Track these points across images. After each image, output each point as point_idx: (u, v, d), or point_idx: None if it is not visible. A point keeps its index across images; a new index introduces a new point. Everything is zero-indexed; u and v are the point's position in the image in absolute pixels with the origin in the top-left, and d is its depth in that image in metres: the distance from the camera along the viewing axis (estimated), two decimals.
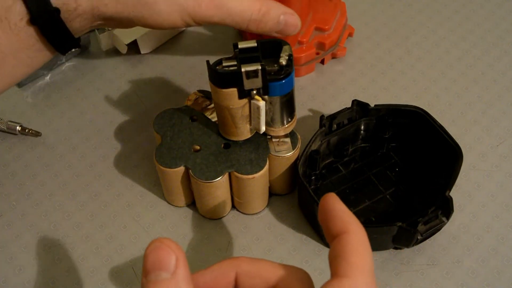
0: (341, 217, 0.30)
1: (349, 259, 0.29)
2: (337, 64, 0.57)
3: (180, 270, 0.28)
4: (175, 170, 0.43)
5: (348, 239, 0.29)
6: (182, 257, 0.28)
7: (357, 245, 0.29)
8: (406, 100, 0.53)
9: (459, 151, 0.44)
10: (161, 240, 0.28)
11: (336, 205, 0.31)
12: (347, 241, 0.29)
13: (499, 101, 0.54)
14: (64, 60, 0.56)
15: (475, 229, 0.46)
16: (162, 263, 0.28)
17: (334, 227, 0.30)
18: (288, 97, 0.41)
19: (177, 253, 0.28)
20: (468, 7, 0.61)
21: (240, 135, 0.43)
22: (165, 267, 0.27)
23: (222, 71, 0.38)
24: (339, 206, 0.31)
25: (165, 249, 0.28)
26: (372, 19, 0.60)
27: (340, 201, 0.31)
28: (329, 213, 0.31)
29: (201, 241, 0.46)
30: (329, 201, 0.31)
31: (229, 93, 0.39)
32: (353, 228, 0.30)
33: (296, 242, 0.45)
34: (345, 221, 0.30)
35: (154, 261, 0.28)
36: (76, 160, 0.50)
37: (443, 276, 0.43)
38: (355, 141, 0.49)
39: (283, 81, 0.39)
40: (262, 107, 0.40)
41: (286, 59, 0.39)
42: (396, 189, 0.47)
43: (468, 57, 0.57)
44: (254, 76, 0.38)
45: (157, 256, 0.28)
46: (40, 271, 0.44)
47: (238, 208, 0.47)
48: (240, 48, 0.39)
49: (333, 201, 0.31)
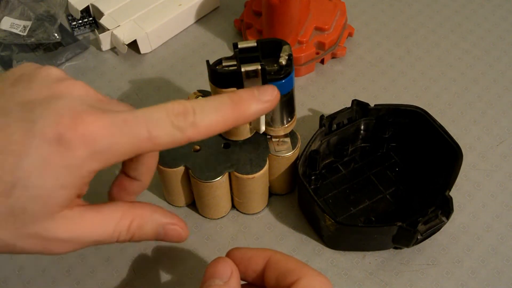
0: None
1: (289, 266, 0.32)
2: (337, 64, 0.57)
3: (233, 281, 0.32)
4: (175, 170, 0.43)
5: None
6: (236, 272, 0.32)
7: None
8: (406, 100, 0.53)
9: (459, 151, 0.44)
10: (221, 257, 0.33)
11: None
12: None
13: (499, 101, 0.54)
14: (64, 60, 0.56)
15: (475, 229, 0.46)
16: (218, 272, 0.32)
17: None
18: (288, 97, 0.41)
19: (233, 268, 0.32)
20: (468, 7, 0.61)
21: (240, 135, 0.43)
22: (220, 276, 0.32)
23: (222, 71, 0.38)
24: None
25: (222, 263, 0.32)
26: (372, 19, 0.60)
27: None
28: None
29: (201, 241, 0.46)
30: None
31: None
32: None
33: (296, 242, 0.45)
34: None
35: (213, 271, 0.32)
36: None
37: (443, 276, 0.43)
38: (355, 141, 0.49)
39: (283, 81, 0.39)
40: None
41: (286, 59, 0.39)
42: (396, 189, 0.47)
43: (468, 57, 0.57)
44: (254, 76, 0.38)
45: (215, 267, 0.32)
46: (40, 271, 0.44)
47: (238, 208, 0.47)
48: (240, 48, 0.39)
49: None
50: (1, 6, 0.57)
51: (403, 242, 0.42)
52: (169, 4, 0.58)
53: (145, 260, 0.45)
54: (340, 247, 0.44)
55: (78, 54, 0.57)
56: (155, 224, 0.34)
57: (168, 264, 0.44)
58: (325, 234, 0.44)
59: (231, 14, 0.61)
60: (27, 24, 0.56)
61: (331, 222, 0.41)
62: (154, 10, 0.57)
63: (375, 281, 0.43)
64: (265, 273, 0.33)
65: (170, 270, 0.44)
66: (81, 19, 0.59)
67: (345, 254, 0.44)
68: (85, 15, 0.59)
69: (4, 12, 0.56)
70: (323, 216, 0.41)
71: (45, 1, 0.57)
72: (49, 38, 0.55)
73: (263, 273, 0.33)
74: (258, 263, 0.33)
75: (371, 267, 0.44)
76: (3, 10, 0.57)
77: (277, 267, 0.32)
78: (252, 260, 0.33)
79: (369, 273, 0.43)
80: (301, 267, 0.32)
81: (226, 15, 0.61)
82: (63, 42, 0.57)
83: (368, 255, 0.44)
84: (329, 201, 0.46)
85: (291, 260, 0.33)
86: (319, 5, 0.55)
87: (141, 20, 0.57)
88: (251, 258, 0.33)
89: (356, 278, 0.43)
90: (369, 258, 0.44)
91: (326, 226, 0.42)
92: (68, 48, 0.56)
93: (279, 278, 0.32)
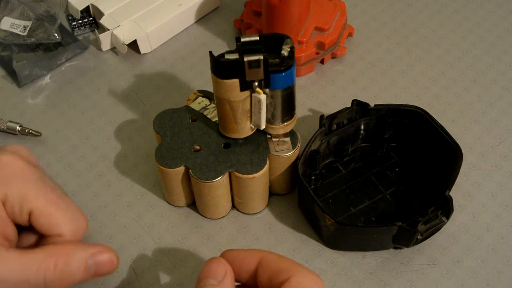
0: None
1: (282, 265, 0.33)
2: (337, 63, 0.57)
3: (227, 280, 0.32)
4: (175, 170, 0.43)
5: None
6: (230, 272, 0.33)
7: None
8: (406, 100, 0.53)
9: (459, 151, 0.44)
10: (215, 257, 0.34)
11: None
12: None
13: (499, 101, 0.53)
14: (64, 60, 0.56)
15: (475, 229, 0.46)
16: (212, 272, 0.32)
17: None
18: (289, 92, 0.40)
19: (227, 268, 0.33)
20: (468, 7, 0.61)
21: (241, 132, 0.43)
22: (215, 275, 0.32)
23: (224, 60, 0.38)
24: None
25: (216, 263, 0.33)
26: (372, 19, 0.60)
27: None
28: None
29: (201, 241, 0.46)
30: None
31: (231, 84, 0.39)
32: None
33: (296, 242, 0.45)
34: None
35: (207, 271, 0.33)
36: (76, 160, 0.50)
37: (443, 275, 0.43)
38: (355, 141, 0.49)
39: (284, 73, 0.39)
40: (263, 101, 0.40)
41: (288, 51, 0.39)
42: (396, 189, 0.47)
43: (468, 57, 0.57)
44: (256, 66, 0.38)
45: (209, 267, 0.33)
46: None
47: (238, 208, 0.47)
48: (242, 42, 0.39)
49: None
50: (1, 6, 0.57)
51: (403, 242, 0.42)
52: (169, 4, 0.58)
53: (145, 260, 0.45)
54: (340, 247, 0.45)
55: (78, 54, 0.57)
56: (81, 257, 0.33)
57: (168, 264, 0.44)
58: (325, 234, 0.44)
59: (231, 14, 0.61)
60: (27, 24, 0.56)
61: (331, 222, 0.41)
62: (154, 10, 0.57)
63: (375, 281, 0.43)
64: (258, 272, 0.33)
65: (170, 270, 0.44)
66: (81, 19, 0.59)
67: (345, 254, 0.44)
68: (85, 15, 0.59)
69: (4, 12, 0.56)
70: (323, 216, 0.41)
71: (45, 1, 0.57)
72: (49, 38, 0.55)
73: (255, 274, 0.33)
74: (251, 264, 0.33)
75: (371, 267, 0.44)
76: (3, 10, 0.56)
77: (269, 266, 0.33)
78: (245, 261, 0.34)
79: (369, 273, 0.43)
80: (293, 266, 0.32)
81: (226, 15, 0.61)
82: (63, 42, 0.57)
83: (368, 255, 0.44)
84: (329, 201, 0.46)
85: (283, 260, 0.33)
86: (319, 5, 0.55)
87: (141, 20, 0.57)
88: (244, 259, 0.34)
89: (356, 278, 0.43)
90: (369, 258, 0.44)
91: (326, 226, 0.42)
92: (68, 48, 0.56)
93: (271, 277, 0.32)
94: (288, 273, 0.32)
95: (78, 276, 0.32)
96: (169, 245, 0.45)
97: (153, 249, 0.45)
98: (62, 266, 0.32)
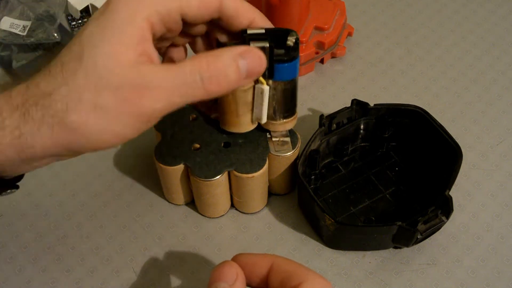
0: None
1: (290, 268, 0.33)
2: (337, 63, 0.57)
3: (238, 284, 0.32)
4: (174, 168, 0.43)
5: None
6: (241, 276, 0.33)
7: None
8: (406, 99, 0.53)
9: (459, 150, 0.44)
10: (226, 261, 0.33)
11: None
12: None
13: (499, 101, 0.53)
14: None
15: (475, 229, 0.45)
16: (224, 275, 0.32)
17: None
18: (292, 85, 0.40)
19: (238, 271, 0.33)
20: (468, 7, 0.61)
21: (242, 126, 0.42)
22: (226, 279, 0.32)
23: (229, 43, 0.38)
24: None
25: (228, 266, 0.33)
26: (372, 19, 0.60)
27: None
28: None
29: (200, 241, 0.46)
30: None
31: None
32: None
33: (296, 242, 0.45)
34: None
35: (218, 274, 0.32)
36: (76, 160, 0.50)
37: (443, 275, 0.43)
38: (355, 140, 0.49)
39: (288, 63, 0.39)
40: (266, 92, 0.40)
41: (293, 41, 0.39)
42: (396, 189, 0.47)
43: (468, 57, 0.57)
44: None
45: (221, 271, 0.33)
46: (40, 271, 0.44)
47: (237, 207, 0.47)
48: (248, 33, 0.39)
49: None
50: (1, 6, 0.57)
51: (403, 241, 0.42)
52: None
53: (145, 260, 0.45)
54: (340, 246, 0.44)
55: None
56: (230, 54, 0.34)
57: (168, 264, 0.44)
58: (325, 234, 0.44)
59: None
60: (27, 24, 0.56)
61: (331, 221, 0.41)
62: None
63: (375, 281, 0.43)
64: (269, 277, 0.33)
65: (170, 270, 0.44)
66: (80, 19, 0.59)
67: (345, 253, 0.44)
68: (85, 15, 0.59)
69: (4, 12, 0.56)
70: (323, 216, 0.41)
71: (45, 1, 0.57)
72: (48, 38, 0.55)
73: (267, 278, 0.33)
74: (262, 268, 0.33)
75: (371, 266, 0.44)
76: (3, 10, 0.56)
77: (280, 271, 0.33)
78: (257, 265, 0.34)
79: (369, 273, 0.43)
80: (303, 271, 0.32)
81: None
82: (63, 42, 0.57)
83: (368, 254, 0.44)
84: (329, 200, 0.46)
85: (294, 265, 0.33)
86: (318, 4, 0.55)
87: None
88: (255, 263, 0.34)
89: (356, 277, 0.43)
90: (369, 257, 0.44)
91: (326, 226, 0.42)
92: None
93: (283, 282, 0.32)
94: (300, 278, 0.32)
95: (232, 76, 0.33)
96: (169, 244, 0.45)
97: (153, 249, 0.45)
98: (214, 64, 0.33)
